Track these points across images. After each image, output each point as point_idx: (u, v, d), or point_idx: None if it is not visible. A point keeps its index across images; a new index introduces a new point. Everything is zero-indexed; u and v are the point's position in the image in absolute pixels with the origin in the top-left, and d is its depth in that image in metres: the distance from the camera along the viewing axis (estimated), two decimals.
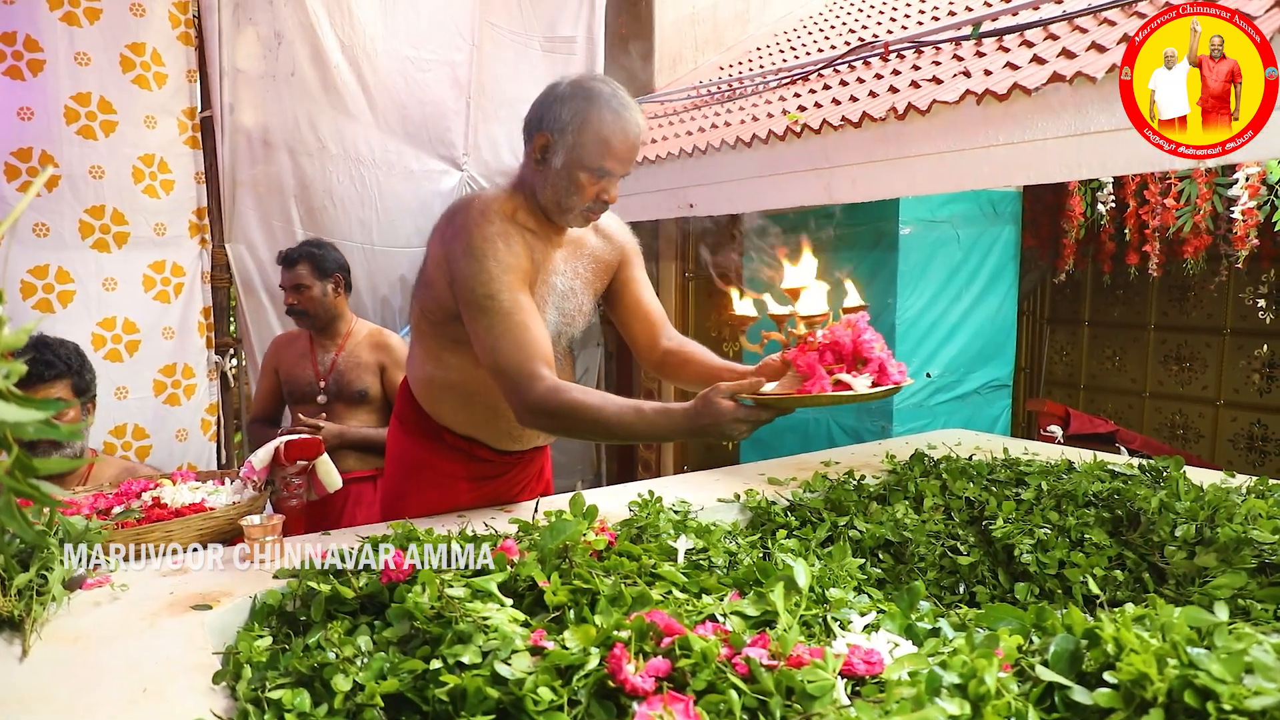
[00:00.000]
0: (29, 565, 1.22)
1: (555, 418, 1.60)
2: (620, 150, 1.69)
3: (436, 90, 3.99)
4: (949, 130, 2.58)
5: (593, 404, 1.57)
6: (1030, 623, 1.06)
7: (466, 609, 1.04)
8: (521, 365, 1.60)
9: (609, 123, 1.67)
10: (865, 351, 1.40)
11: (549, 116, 1.71)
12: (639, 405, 1.56)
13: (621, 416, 1.54)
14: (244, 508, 1.69)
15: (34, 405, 0.67)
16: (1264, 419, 4.73)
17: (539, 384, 1.59)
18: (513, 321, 1.62)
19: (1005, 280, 4.62)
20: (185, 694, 1.02)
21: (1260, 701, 0.80)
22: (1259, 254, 4.11)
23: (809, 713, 0.84)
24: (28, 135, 3.04)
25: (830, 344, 1.42)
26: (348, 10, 3.66)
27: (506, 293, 1.64)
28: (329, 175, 3.72)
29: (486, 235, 1.66)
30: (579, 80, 1.73)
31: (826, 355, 1.42)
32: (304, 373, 2.87)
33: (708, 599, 1.12)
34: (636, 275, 2.02)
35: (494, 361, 1.64)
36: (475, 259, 1.65)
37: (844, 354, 1.42)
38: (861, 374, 1.41)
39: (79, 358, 2.30)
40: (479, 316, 1.64)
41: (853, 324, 1.43)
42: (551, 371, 1.63)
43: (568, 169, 1.69)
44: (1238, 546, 1.51)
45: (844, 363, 1.43)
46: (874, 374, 1.41)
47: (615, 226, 2.00)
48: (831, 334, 1.42)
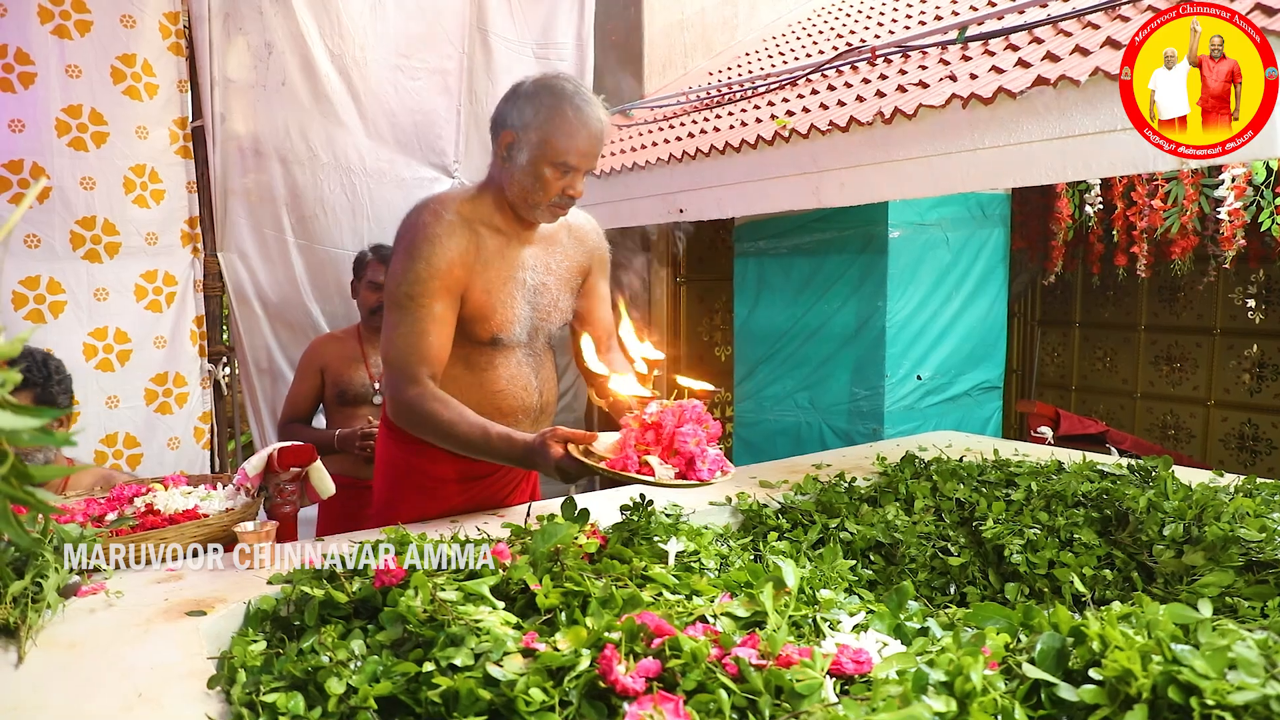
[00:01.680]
0: (24, 573, 1.22)
1: (415, 419, 1.75)
2: (583, 145, 1.74)
3: (427, 98, 4.00)
4: (935, 134, 2.60)
5: (448, 418, 1.70)
6: (1018, 621, 1.08)
7: (459, 612, 1.05)
8: (407, 365, 1.74)
9: (571, 118, 1.72)
10: (678, 443, 1.40)
11: (513, 114, 1.77)
12: (487, 428, 1.67)
13: (470, 435, 1.68)
14: (237, 514, 1.69)
15: (29, 413, 0.68)
16: (1254, 419, 4.77)
17: (414, 386, 1.73)
18: (418, 326, 1.74)
19: (995, 282, 4.65)
20: (180, 699, 1.03)
21: (1243, 696, 0.81)
22: (1246, 254, 4.14)
23: (797, 711, 0.85)
24: (19, 147, 3.05)
25: (654, 424, 1.42)
26: (337, 20, 3.67)
27: (425, 297, 1.74)
28: (320, 184, 3.73)
29: (429, 235, 1.75)
30: (542, 79, 1.78)
31: (648, 434, 1.43)
32: (357, 374, 2.92)
33: (698, 601, 1.13)
34: (598, 285, 2.05)
35: (386, 354, 1.78)
36: (409, 257, 1.75)
37: (660, 438, 1.42)
38: (667, 463, 1.41)
39: (44, 369, 2.27)
40: (393, 309, 1.77)
41: (680, 411, 1.42)
42: (434, 381, 1.75)
43: (532, 164, 1.74)
44: (1225, 545, 1.52)
45: (660, 446, 1.42)
46: (680, 466, 1.41)
47: (589, 230, 2.03)
48: (660, 414, 1.42)
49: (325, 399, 3.01)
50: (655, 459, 1.40)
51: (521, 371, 1.91)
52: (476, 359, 1.86)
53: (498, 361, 1.88)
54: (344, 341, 3.03)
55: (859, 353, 4.34)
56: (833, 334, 4.47)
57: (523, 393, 1.92)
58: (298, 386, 3.03)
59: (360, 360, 2.95)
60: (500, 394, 1.88)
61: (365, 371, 2.93)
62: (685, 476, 1.40)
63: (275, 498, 1.92)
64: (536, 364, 1.95)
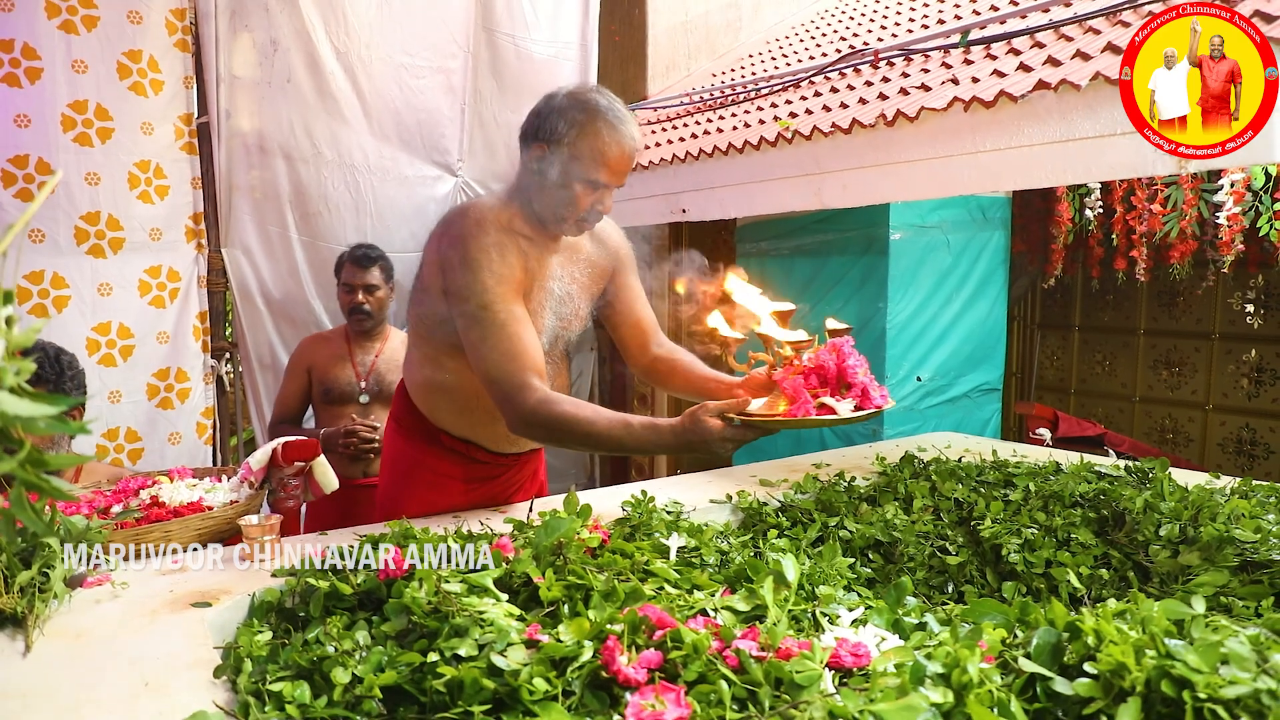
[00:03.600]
0: (31, 563, 1.23)
1: (547, 429, 1.64)
2: (615, 163, 1.72)
3: (431, 97, 4.02)
4: (937, 137, 2.62)
5: (584, 417, 1.61)
6: (1014, 617, 1.09)
7: (463, 604, 1.06)
8: (514, 376, 1.64)
9: (605, 136, 1.70)
10: (849, 376, 1.43)
11: (546, 127, 1.73)
12: (628, 420, 1.60)
13: (611, 430, 1.59)
14: (241, 507, 1.71)
15: (46, 401, 0.69)
16: (1253, 423, 4.78)
17: (531, 395, 1.63)
18: (506, 333, 1.66)
19: (995, 285, 4.66)
20: (186, 688, 1.04)
21: (1234, 690, 0.83)
22: (1245, 259, 4.16)
23: (796, 701, 0.86)
24: (24, 142, 3.06)
25: (815, 367, 1.44)
26: (343, 18, 3.68)
27: (500, 304, 1.67)
28: (324, 181, 3.75)
29: (482, 246, 1.69)
30: (576, 92, 1.75)
31: (811, 378, 1.44)
32: (343, 373, 2.92)
33: (699, 595, 1.14)
34: (630, 282, 2.04)
35: (486, 371, 1.67)
36: (471, 270, 1.67)
37: (828, 378, 1.45)
38: (845, 398, 1.43)
39: (57, 364, 2.28)
40: (473, 327, 1.68)
41: (837, 348, 1.46)
42: (544, 383, 1.66)
43: (563, 180, 1.72)
44: (1220, 545, 1.53)
45: (828, 386, 1.45)
46: (857, 398, 1.44)
47: (611, 232, 2.03)
48: (817, 358, 1.44)
49: (313, 398, 3.01)
50: (830, 399, 1.41)
51: None
52: None
53: None
54: (331, 341, 3.04)
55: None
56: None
57: None
58: (286, 387, 3.04)
59: (346, 359, 2.96)
60: None
61: (351, 370, 2.94)
62: (863, 407, 1.42)
63: (279, 492, 1.94)
64: (554, 372, 1.95)
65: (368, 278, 2.94)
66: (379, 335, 3.01)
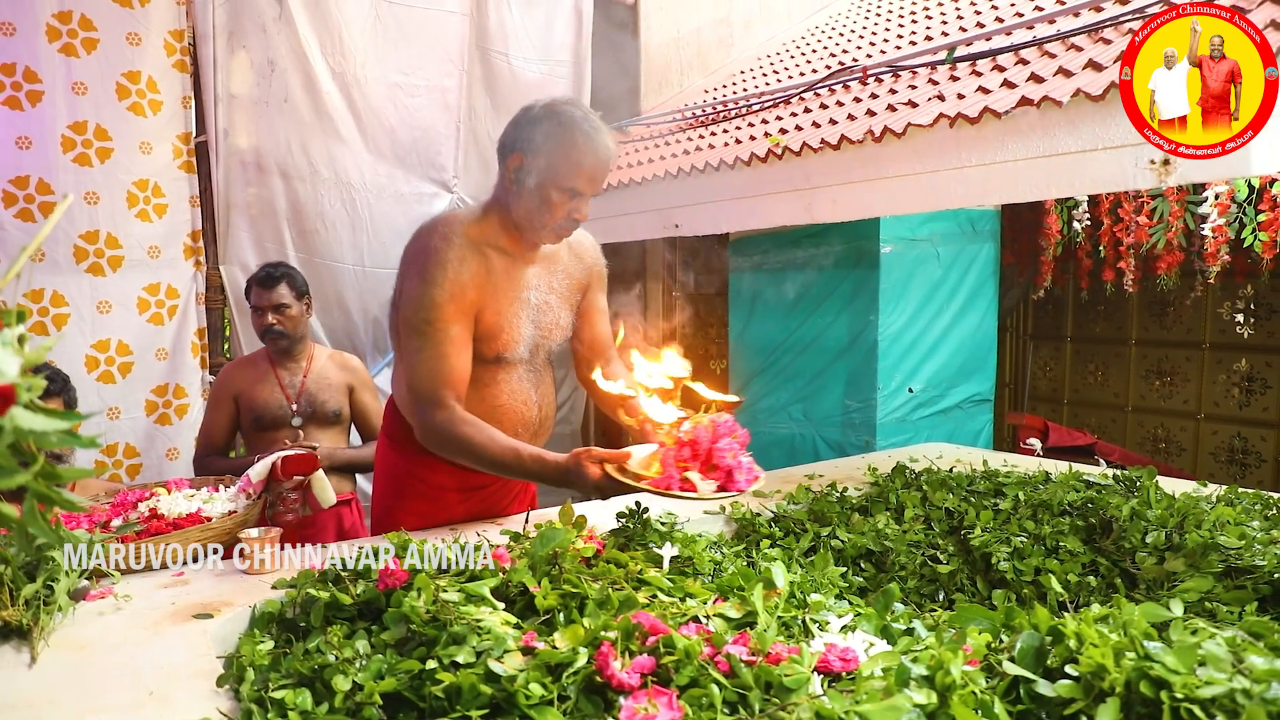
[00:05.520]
0: (36, 576, 1.26)
1: (446, 443, 1.76)
2: (590, 171, 1.78)
3: (426, 115, 4.07)
4: (924, 152, 2.66)
5: (479, 441, 1.71)
6: (1000, 622, 1.12)
7: (460, 612, 1.08)
8: (433, 390, 1.74)
9: (580, 144, 1.75)
10: (717, 458, 1.48)
11: (522, 138, 1.79)
12: (519, 450, 1.69)
13: (502, 456, 1.69)
14: (240, 518, 1.72)
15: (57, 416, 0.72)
16: (1244, 432, 4.82)
17: (440, 411, 1.73)
18: (439, 350, 1.75)
19: (985, 297, 4.71)
20: (190, 697, 1.06)
21: (1211, 690, 0.85)
22: (1232, 269, 4.20)
23: (785, 704, 0.89)
24: (25, 164, 3.10)
25: (690, 441, 1.48)
26: (339, 37, 3.73)
27: (441, 322, 1.76)
28: (321, 199, 3.79)
29: (441, 260, 1.76)
30: (551, 104, 1.81)
31: (684, 451, 1.49)
32: (271, 396, 2.76)
33: (691, 602, 1.17)
34: (597, 300, 2.09)
35: (410, 379, 1.78)
36: (424, 283, 1.76)
37: (698, 454, 1.49)
38: (708, 478, 1.48)
39: (59, 379, 2.34)
40: (411, 336, 1.77)
41: (713, 426, 1.49)
42: (459, 403, 1.76)
43: (540, 188, 1.77)
44: (1205, 551, 1.56)
45: (698, 461, 1.49)
46: (720, 479, 1.48)
47: (588, 246, 2.07)
48: (694, 431, 1.48)
49: (243, 426, 2.83)
50: (696, 475, 1.45)
51: (522, 387, 1.95)
52: (479, 375, 1.88)
53: (500, 378, 1.91)
54: (255, 365, 2.85)
55: (851, 366, 4.39)
56: (826, 347, 4.52)
57: (523, 408, 1.95)
58: (210, 418, 2.84)
59: (273, 383, 2.79)
60: (501, 409, 1.91)
61: (280, 393, 2.77)
62: (726, 488, 1.46)
63: (278, 505, 1.96)
64: (536, 380, 1.99)
65: (274, 297, 2.75)
66: (302, 354, 2.84)
